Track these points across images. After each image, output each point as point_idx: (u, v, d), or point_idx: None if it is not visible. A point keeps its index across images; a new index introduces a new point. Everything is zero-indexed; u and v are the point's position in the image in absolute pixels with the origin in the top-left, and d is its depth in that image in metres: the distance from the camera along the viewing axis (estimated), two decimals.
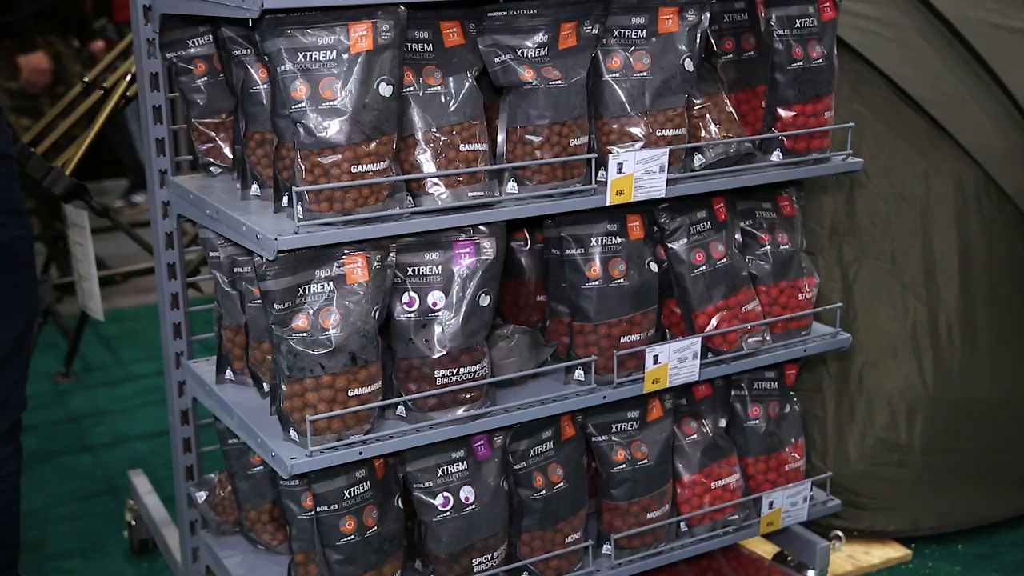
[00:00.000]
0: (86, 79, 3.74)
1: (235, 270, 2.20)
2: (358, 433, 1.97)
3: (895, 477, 2.89)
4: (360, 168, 1.87)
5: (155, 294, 2.96)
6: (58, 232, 4.76)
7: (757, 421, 2.50)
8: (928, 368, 2.92)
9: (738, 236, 2.39)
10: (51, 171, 3.36)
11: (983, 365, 2.95)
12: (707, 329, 2.30)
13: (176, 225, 2.36)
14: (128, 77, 3.43)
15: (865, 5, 3.09)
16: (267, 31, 1.84)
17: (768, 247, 2.42)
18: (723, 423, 2.50)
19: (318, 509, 2.01)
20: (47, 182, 3.34)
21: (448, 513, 2.10)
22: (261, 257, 1.88)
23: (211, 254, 2.26)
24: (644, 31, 2.13)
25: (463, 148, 1.99)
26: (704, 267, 2.29)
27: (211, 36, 2.24)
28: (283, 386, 1.94)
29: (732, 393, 2.51)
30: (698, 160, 2.24)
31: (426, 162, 1.97)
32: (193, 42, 2.27)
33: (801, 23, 2.30)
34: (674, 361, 2.24)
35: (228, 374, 2.29)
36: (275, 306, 1.91)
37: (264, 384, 2.18)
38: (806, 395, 2.89)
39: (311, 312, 1.92)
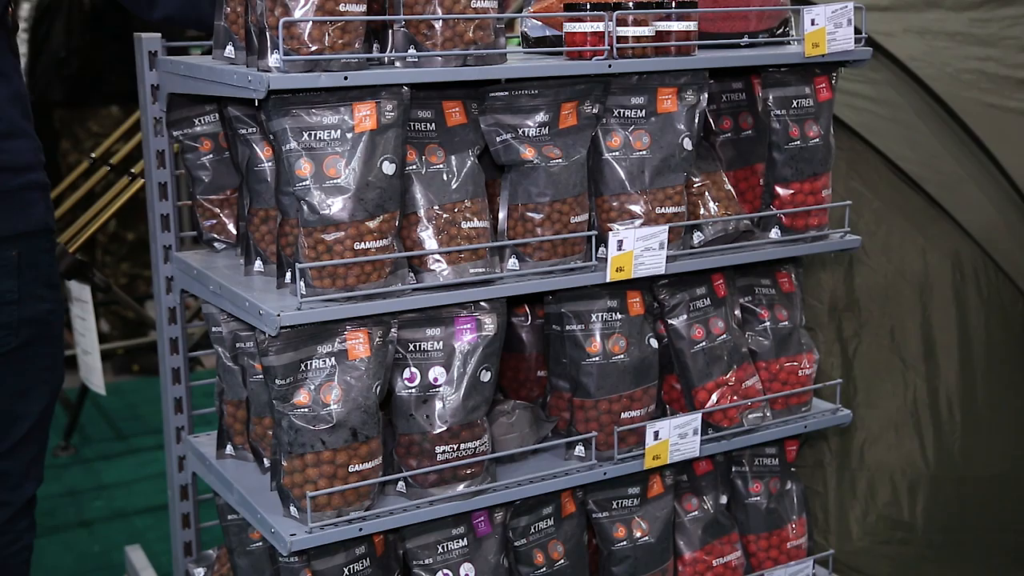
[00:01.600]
0: (93, 155, 3.78)
1: (237, 345, 2.21)
2: (358, 509, 1.96)
3: (898, 555, 2.87)
4: (363, 245, 1.89)
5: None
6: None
7: (758, 498, 2.49)
8: (929, 444, 2.91)
9: (737, 312, 2.41)
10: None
11: (984, 441, 2.95)
12: (707, 405, 2.30)
13: (179, 300, 2.37)
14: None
15: (862, 85, 3.14)
16: (273, 110, 1.87)
17: (768, 323, 2.43)
18: (724, 499, 2.49)
19: None
20: None
21: None
22: (263, 333, 1.89)
23: (213, 329, 2.27)
24: (643, 111, 2.17)
25: (465, 225, 2.01)
26: (704, 343, 2.30)
27: (217, 115, 2.28)
28: (283, 461, 1.94)
29: (733, 469, 2.51)
30: (697, 237, 2.26)
31: (428, 239, 1.99)
32: (199, 120, 2.30)
33: (798, 103, 2.34)
34: (675, 437, 2.24)
35: (229, 449, 2.29)
36: (277, 381, 1.91)
37: (265, 459, 2.17)
38: (807, 471, 2.88)
39: (312, 388, 1.92)
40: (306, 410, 1.92)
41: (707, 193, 2.33)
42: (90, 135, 4.85)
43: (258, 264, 2.16)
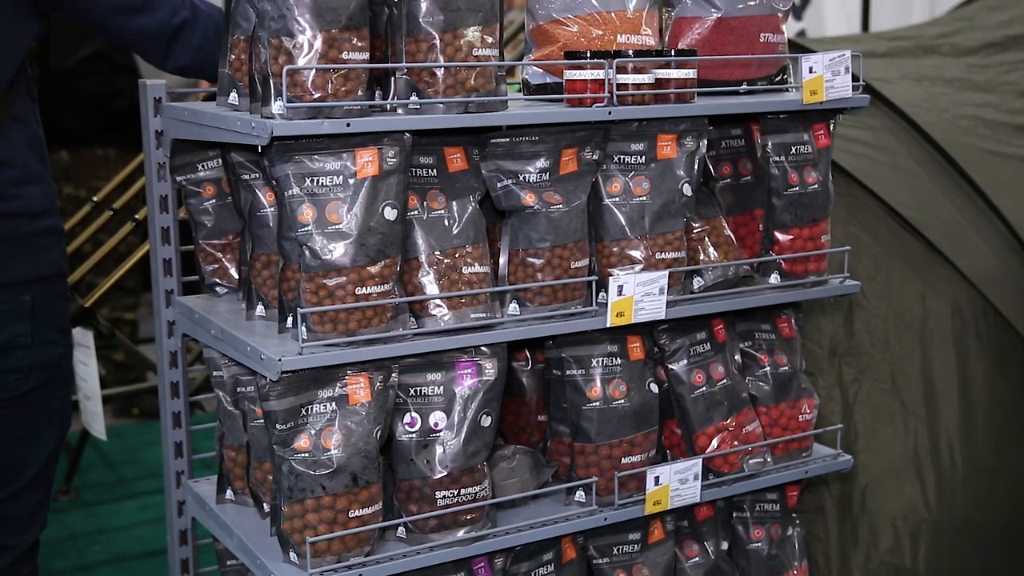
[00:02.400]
0: (95, 199, 3.80)
1: (238, 390, 2.22)
2: (358, 555, 1.96)
3: None
4: (364, 290, 1.90)
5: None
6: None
7: (759, 543, 2.48)
8: (931, 490, 2.90)
9: (738, 357, 2.41)
10: None
11: (985, 487, 2.94)
12: (708, 450, 2.30)
13: (180, 344, 2.38)
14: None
15: (860, 131, 3.16)
16: (276, 157, 1.89)
17: (768, 368, 2.44)
18: (725, 545, 2.48)
19: None
20: None
21: None
22: (264, 377, 1.90)
23: (215, 373, 2.27)
24: (643, 157, 2.19)
25: (465, 270, 2.02)
26: (704, 388, 2.30)
27: (220, 160, 2.30)
28: (283, 507, 1.94)
29: (734, 515, 2.50)
30: (697, 282, 2.27)
31: (429, 284, 2.00)
32: (202, 166, 2.32)
33: (796, 150, 2.36)
34: (675, 482, 2.23)
35: (228, 494, 2.28)
36: (277, 426, 1.92)
37: (264, 504, 2.17)
38: (808, 517, 2.87)
39: (313, 432, 1.93)
40: (306, 455, 1.92)
41: (707, 238, 2.34)
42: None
43: (260, 309, 2.17)
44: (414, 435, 2.02)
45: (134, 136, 4.83)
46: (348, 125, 1.85)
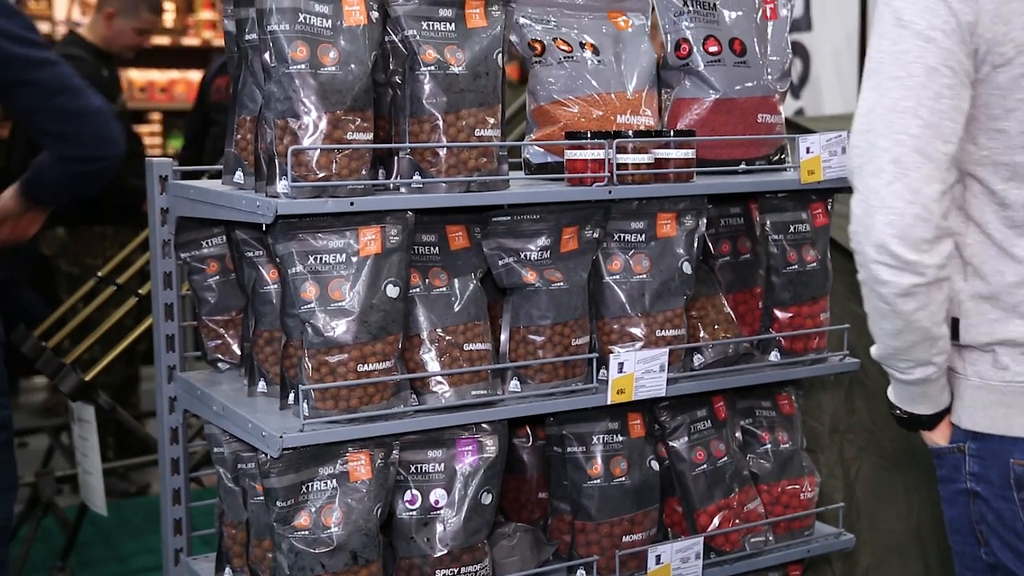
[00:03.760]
0: (99, 274, 3.81)
1: (239, 466, 2.21)
2: None
3: None
4: (366, 367, 1.91)
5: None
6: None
7: None
8: (935, 568, 2.88)
9: (738, 435, 2.41)
10: (61, 368, 3.40)
11: None
12: (709, 528, 2.29)
13: (182, 420, 2.38)
14: None
15: None
16: (279, 235, 1.91)
17: (768, 446, 2.43)
18: None
19: None
20: (55, 380, 3.38)
21: None
22: (265, 454, 1.90)
23: (215, 449, 2.27)
24: (643, 235, 2.21)
25: (467, 347, 2.03)
26: (705, 466, 2.30)
27: (224, 237, 2.32)
28: None
29: None
30: (697, 360, 2.28)
31: (430, 361, 2.01)
32: (207, 242, 2.34)
33: (795, 228, 2.38)
34: (677, 561, 2.22)
35: (227, 572, 2.26)
36: (278, 504, 1.91)
37: None
38: None
39: (313, 510, 1.92)
40: (307, 532, 1.91)
41: (707, 316, 2.35)
42: None
43: (261, 385, 2.17)
44: (415, 513, 2.01)
45: (132, 213, 4.82)
46: (352, 204, 1.87)
